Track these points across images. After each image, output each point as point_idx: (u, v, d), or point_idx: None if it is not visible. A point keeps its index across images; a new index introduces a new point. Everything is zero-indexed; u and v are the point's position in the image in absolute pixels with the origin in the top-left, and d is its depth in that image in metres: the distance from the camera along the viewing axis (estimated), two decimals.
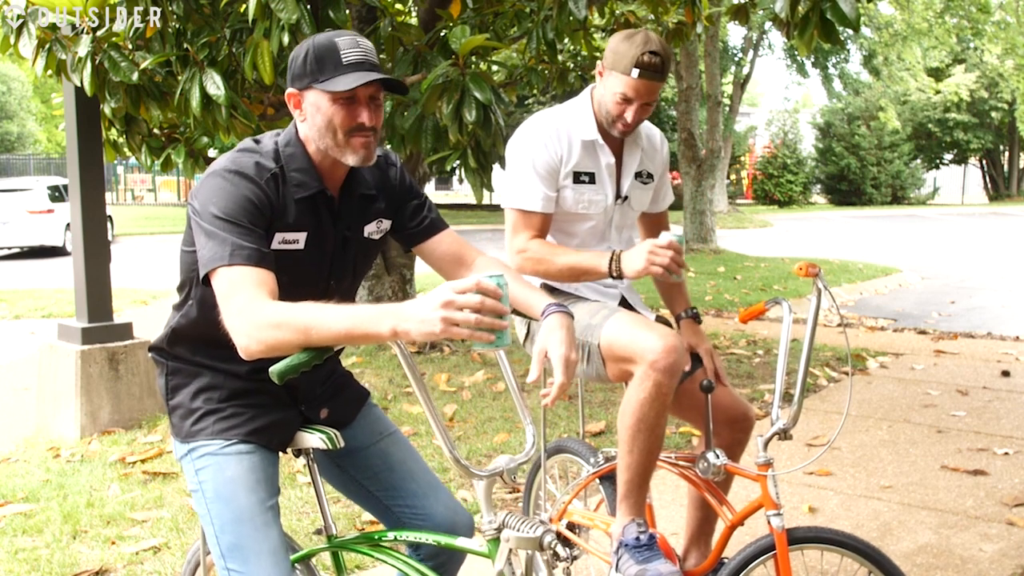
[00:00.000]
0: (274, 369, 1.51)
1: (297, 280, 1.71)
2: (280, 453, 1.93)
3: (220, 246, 1.62)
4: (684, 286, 2.60)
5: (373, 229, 1.93)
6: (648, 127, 2.58)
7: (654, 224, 2.68)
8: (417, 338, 1.44)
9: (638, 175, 2.50)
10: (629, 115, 2.32)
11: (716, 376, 2.36)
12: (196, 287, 1.80)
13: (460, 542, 1.80)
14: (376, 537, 1.94)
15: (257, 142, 1.81)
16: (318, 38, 1.74)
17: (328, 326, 1.51)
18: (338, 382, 2.04)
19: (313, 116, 1.75)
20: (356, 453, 2.00)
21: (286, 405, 1.91)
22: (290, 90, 1.77)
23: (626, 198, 2.48)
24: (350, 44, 1.72)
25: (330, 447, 1.87)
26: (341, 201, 1.85)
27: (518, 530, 1.60)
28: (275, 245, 1.73)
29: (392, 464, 2.00)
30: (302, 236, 1.78)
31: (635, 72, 2.25)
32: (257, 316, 1.55)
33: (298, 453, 1.96)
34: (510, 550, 1.62)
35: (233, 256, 1.61)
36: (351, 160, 1.77)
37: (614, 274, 2.26)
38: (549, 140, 2.39)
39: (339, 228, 1.85)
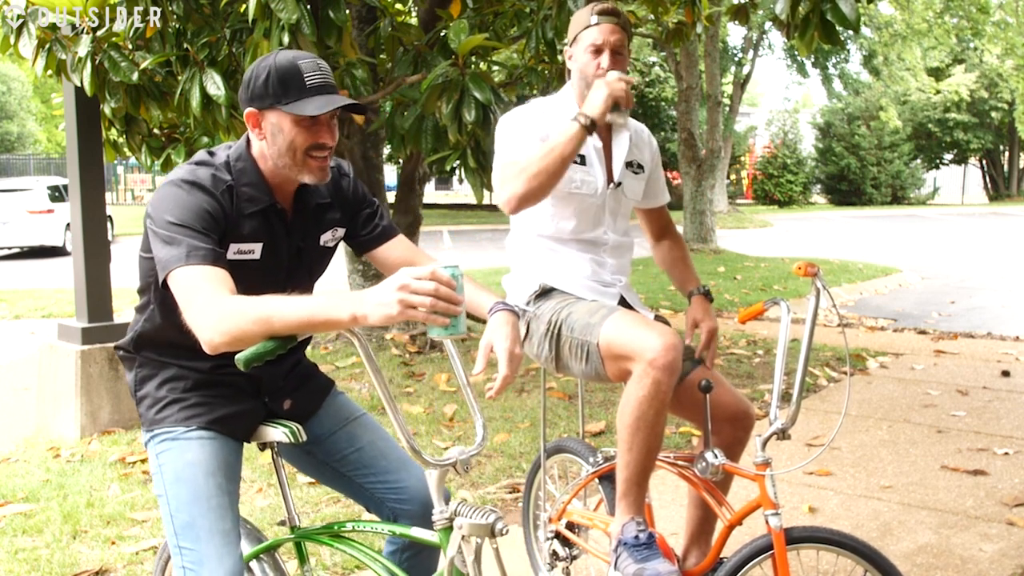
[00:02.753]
0: (240, 356, 1.54)
1: (254, 288, 1.75)
2: (245, 444, 1.98)
3: (176, 248, 1.67)
4: (691, 266, 2.66)
5: (329, 238, 1.99)
6: (634, 122, 2.61)
7: (656, 220, 2.72)
8: (375, 321, 1.47)
9: (628, 164, 2.53)
10: (604, 61, 2.39)
11: (707, 356, 2.38)
12: (156, 291, 1.85)
13: (414, 532, 1.84)
14: (336, 527, 1.99)
15: (212, 154, 1.85)
16: (279, 59, 1.77)
17: (289, 314, 1.54)
18: (302, 374, 2.08)
19: (274, 136, 1.79)
20: (324, 439, 2.05)
21: (250, 396, 1.96)
22: (250, 109, 1.79)
23: (619, 184, 2.50)
24: (312, 67, 1.77)
25: (292, 441, 1.92)
26: (294, 213, 1.90)
27: (470, 517, 1.65)
28: (230, 256, 1.78)
29: (361, 445, 2.04)
30: (257, 247, 1.83)
31: (594, 19, 2.40)
32: (219, 310, 1.58)
33: (263, 447, 2.01)
34: (462, 537, 1.66)
35: (190, 257, 1.66)
36: (307, 179, 1.82)
37: (583, 121, 2.26)
38: (534, 116, 2.44)
39: (293, 239, 1.90)
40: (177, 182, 1.76)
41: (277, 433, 1.94)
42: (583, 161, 2.45)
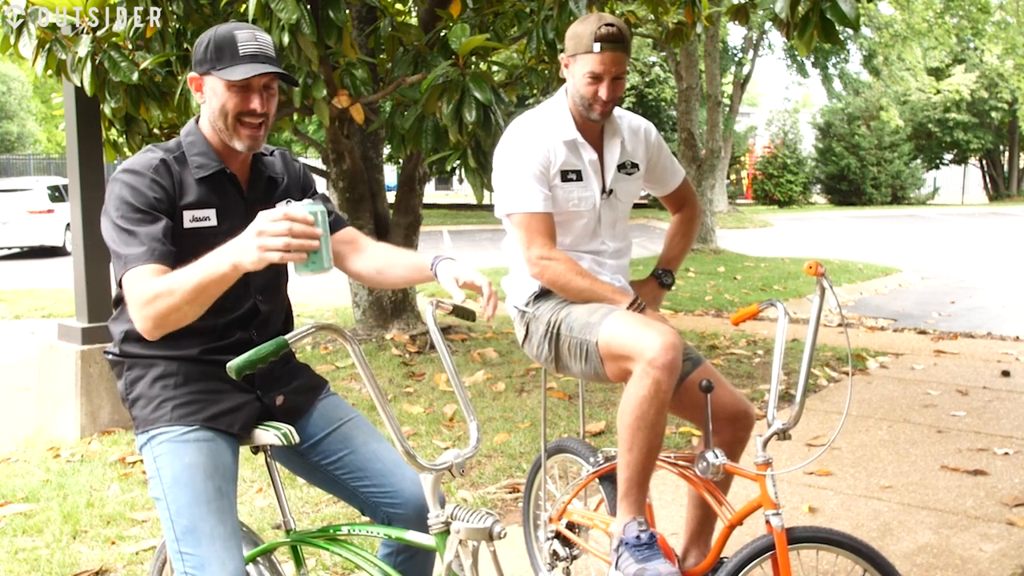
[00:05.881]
0: (231, 365, 1.56)
1: None
2: (240, 447, 1.98)
3: (121, 254, 1.78)
4: (679, 245, 2.70)
5: None
6: (630, 118, 2.58)
7: (678, 200, 2.74)
8: (249, 266, 1.56)
9: (621, 167, 2.51)
10: (603, 92, 2.35)
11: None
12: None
13: (410, 535, 1.84)
14: (332, 530, 1.99)
15: (167, 139, 1.95)
16: (220, 28, 1.87)
17: (186, 279, 1.64)
18: (293, 369, 2.10)
19: (210, 100, 1.89)
20: (318, 442, 2.04)
21: (241, 389, 1.96)
22: (192, 74, 1.90)
23: (611, 192, 2.48)
24: (248, 37, 1.85)
25: (285, 443, 1.91)
26: (250, 180, 1.99)
27: (467, 521, 1.64)
28: (187, 224, 1.86)
29: (355, 447, 2.03)
30: (211, 212, 1.90)
31: (596, 46, 2.31)
32: (138, 299, 1.71)
33: (256, 450, 2.01)
34: (460, 542, 1.65)
35: (128, 263, 1.76)
36: (238, 146, 1.90)
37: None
38: (535, 142, 2.41)
39: (249, 203, 1.96)
40: (117, 174, 1.84)
41: (269, 436, 1.93)
42: (579, 177, 2.43)
